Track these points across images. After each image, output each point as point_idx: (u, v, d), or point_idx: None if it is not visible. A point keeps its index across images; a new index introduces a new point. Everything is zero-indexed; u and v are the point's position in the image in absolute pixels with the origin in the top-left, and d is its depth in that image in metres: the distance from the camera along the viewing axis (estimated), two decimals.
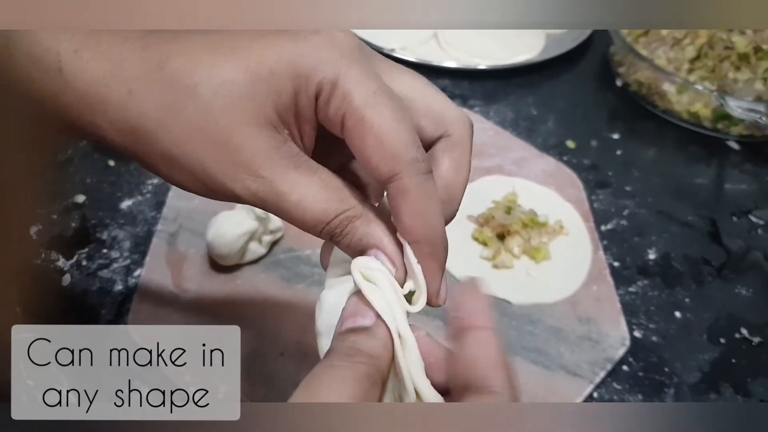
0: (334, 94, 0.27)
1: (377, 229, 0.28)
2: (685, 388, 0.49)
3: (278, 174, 0.27)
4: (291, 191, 0.27)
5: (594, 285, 0.54)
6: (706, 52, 0.73)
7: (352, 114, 0.27)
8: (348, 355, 0.25)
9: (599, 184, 0.66)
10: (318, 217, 0.28)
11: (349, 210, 0.28)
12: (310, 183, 0.27)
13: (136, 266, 0.54)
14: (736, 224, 0.63)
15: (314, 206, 0.27)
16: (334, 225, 0.28)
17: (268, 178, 0.27)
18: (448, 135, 0.30)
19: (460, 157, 0.31)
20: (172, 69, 0.27)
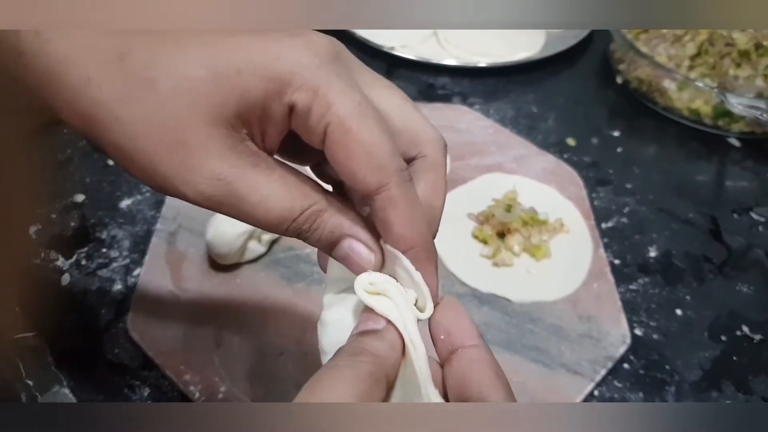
0: (316, 103, 0.26)
1: (346, 219, 0.28)
2: (686, 385, 0.49)
3: (236, 175, 0.26)
4: (250, 192, 0.26)
5: (594, 283, 0.54)
6: (707, 49, 0.73)
7: (337, 126, 0.26)
8: (352, 354, 0.25)
9: (600, 182, 0.66)
10: (283, 215, 0.27)
11: (314, 204, 0.27)
12: (270, 181, 0.27)
13: (136, 265, 0.54)
14: (737, 221, 0.63)
15: (277, 205, 0.27)
16: (300, 222, 0.27)
17: (224, 180, 0.26)
18: (423, 156, 0.30)
19: (437, 179, 0.30)
20: (133, 61, 0.26)
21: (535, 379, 0.47)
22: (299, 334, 0.49)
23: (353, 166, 0.26)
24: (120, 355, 0.48)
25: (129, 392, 0.46)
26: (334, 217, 0.28)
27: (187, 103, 0.25)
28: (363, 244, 0.28)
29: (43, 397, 0.45)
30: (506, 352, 0.49)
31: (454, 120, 0.70)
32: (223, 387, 0.45)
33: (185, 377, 0.46)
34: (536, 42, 0.85)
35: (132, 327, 0.49)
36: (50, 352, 0.48)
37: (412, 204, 0.27)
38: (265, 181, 0.27)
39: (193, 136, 0.26)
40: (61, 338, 0.49)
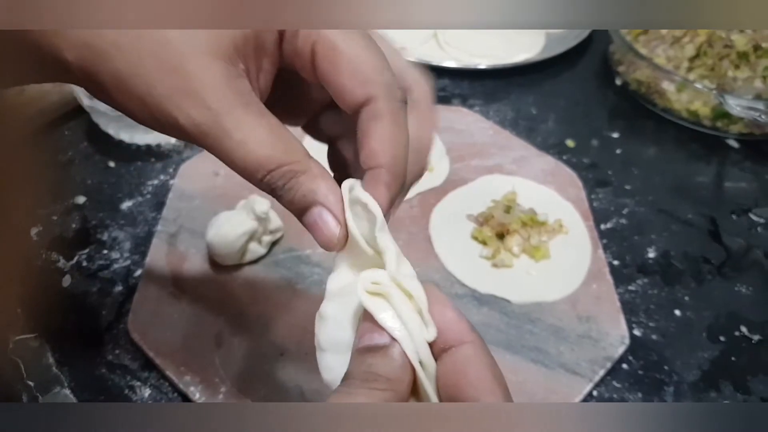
0: None
1: (322, 186, 0.27)
2: (685, 386, 0.49)
3: (225, 108, 0.26)
4: (235, 129, 0.26)
5: (594, 283, 0.54)
6: (706, 51, 0.73)
7: (323, 42, 0.26)
8: (365, 380, 0.24)
9: (599, 183, 0.66)
10: (260, 161, 0.26)
11: (293, 163, 0.27)
12: (258, 125, 0.26)
13: (136, 267, 0.55)
14: (736, 222, 0.63)
15: (257, 150, 0.26)
16: (276, 176, 0.27)
17: (213, 110, 0.26)
18: (410, 92, 0.29)
19: (425, 112, 0.30)
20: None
21: (534, 379, 0.47)
22: (300, 335, 0.49)
23: (341, 80, 0.27)
24: (121, 356, 0.49)
25: (129, 393, 0.46)
26: (311, 181, 0.27)
27: (185, 34, 0.26)
28: (332, 215, 0.27)
29: (44, 397, 0.46)
30: (506, 352, 0.49)
31: (454, 121, 0.70)
32: (223, 388, 0.45)
33: (186, 378, 0.46)
34: (536, 44, 0.86)
35: (133, 328, 0.49)
36: (51, 353, 0.48)
37: (396, 124, 0.27)
38: (253, 123, 0.26)
39: (190, 64, 0.26)
40: (62, 339, 0.49)
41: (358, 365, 0.25)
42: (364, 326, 0.26)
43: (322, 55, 0.27)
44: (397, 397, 0.24)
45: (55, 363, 0.48)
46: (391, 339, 0.25)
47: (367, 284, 0.26)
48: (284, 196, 0.27)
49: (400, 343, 0.25)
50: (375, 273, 0.26)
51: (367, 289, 0.26)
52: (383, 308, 0.25)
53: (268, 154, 0.26)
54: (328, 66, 0.27)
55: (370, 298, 0.26)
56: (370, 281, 0.26)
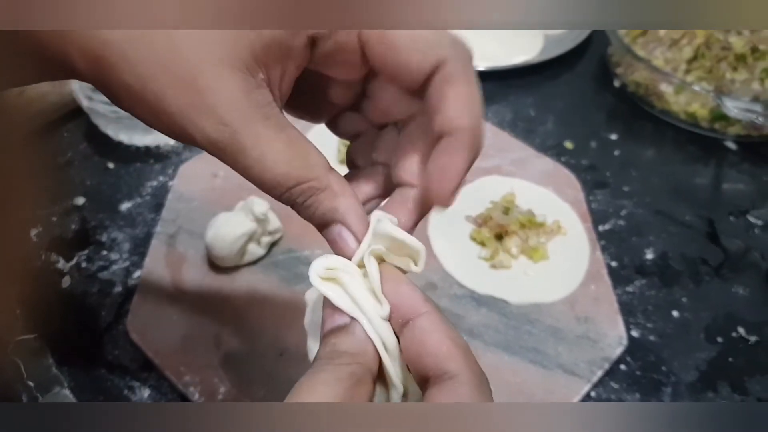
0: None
1: (342, 204, 0.27)
2: (683, 387, 0.49)
3: (243, 123, 0.25)
4: (253, 145, 0.25)
5: (592, 285, 0.55)
6: (704, 53, 0.74)
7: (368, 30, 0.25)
8: (330, 358, 0.25)
9: (597, 185, 0.66)
10: (278, 179, 0.26)
11: (313, 180, 0.26)
12: (276, 140, 0.25)
13: (136, 268, 0.55)
14: (734, 224, 0.64)
15: (275, 167, 0.25)
16: (295, 193, 0.26)
17: (231, 127, 0.25)
18: (443, 61, 0.27)
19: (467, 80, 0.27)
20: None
21: (532, 379, 0.48)
22: (299, 335, 0.49)
23: (402, 58, 0.26)
24: (120, 356, 0.49)
25: (129, 393, 0.47)
26: (330, 199, 0.27)
27: (201, 43, 0.25)
28: (352, 234, 0.27)
29: (44, 397, 0.46)
30: (504, 353, 0.49)
31: None
32: (222, 388, 0.46)
33: (185, 378, 0.46)
34: (534, 46, 0.86)
35: (132, 328, 0.49)
36: (51, 354, 0.48)
37: (472, 82, 0.26)
38: (272, 138, 0.25)
39: (204, 78, 0.24)
40: (61, 340, 0.49)
41: (324, 347, 0.26)
42: (326, 312, 0.27)
43: (374, 41, 0.26)
44: (363, 369, 0.25)
45: (54, 363, 0.48)
46: (351, 318, 0.26)
47: (321, 270, 0.26)
48: (304, 212, 0.27)
49: (353, 316, 0.26)
50: (329, 259, 0.27)
51: (321, 275, 0.26)
52: (338, 292, 0.26)
53: (285, 171, 0.26)
54: (384, 49, 0.26)
55: (324, 283, 0.26)
56: (324, 267, 0.26)
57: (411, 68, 0.26)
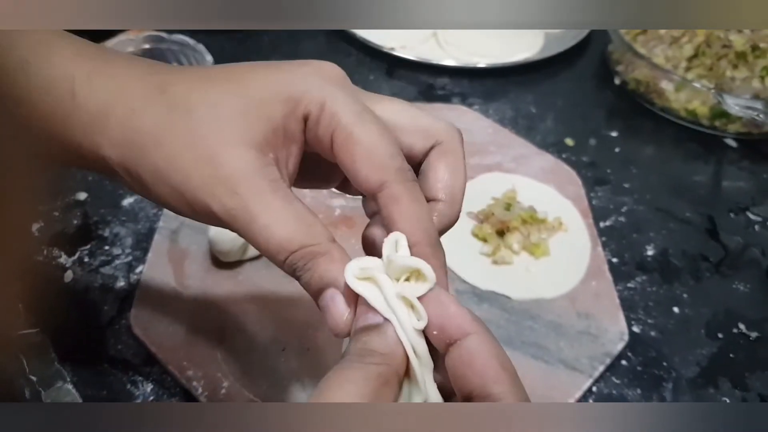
0: (323, 114, 0.29)
1: (339, 269, 0.28)
2: (684, 382, 0.49)
3: (254, 194, 0.28)
4: (262, 213, 0.27)
5: (593, 281, 0.55)
6: (704, 51, 0.74)
7: (341, 131, 0.28)
8: (360, 355, 0.25)
9: (598, 181, 0.67)
10: (282, 244, 0.27)
11: (314, 245, 0.28)
12: (283, 209, 0.28)
13: (138, 263, 0.55)
14: (734, 221, 0.64)
15: (280, 233, 0.27)
16: (297, 257, 0.27)
17: (243, 196, 0.27)
18: (438, 143, 0.31)
19: (455, 161, 0.31)
20: (172, 92, 0.29)
21: (534, 375, 0.48)
22: (301, 330, 0.49)
23: (356, 167, 0.29)
24: (123, 351, 0.49)
25: (132, 388, 0.47)
26: (328, 263, 0.28)
27: (219, 126, 0.28)
28: (344, 299, 0.28)
29: (47, 392, 0.46)
30: (506, 348, 0.48)
31: (453, 120, 0.69)
32: (225, 383, 0.46)
33: (188, 373, 0.46)
34: (535, 43, 0.86)
35: (135, 323, 0.49)
36: (53, 349, 0.48)
37: (414, 201, 0.29)
38: (279, 208, 0.28)
39: (223, 155, 0.28)
40: (64, 334, 0.49)
41: (354, 343, 0.26)
42: (360, 309, 0.27)
43: (339, 144, 0.29)
44: (391, 371, 0.25)
45: (57, 358, 0.48)
46: (384, 319, 0.26)
47: (356, 270, 0.27)
48: (302, 277, 0.28)
49: (391, 323, 0.26)
50: (363, 260, 0.28)
51: (356, 275, 0.27)
52: (374, 292, 0.27)
53: (290, 237, 0.27)
54: (345, 154, 0.29)
55: (360, 282, 0.27)
56: (359, 267, 0.27)
57: (360, 180, 0.29)
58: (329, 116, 0.29)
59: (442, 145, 0.31)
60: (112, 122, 0.29)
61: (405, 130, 0.31)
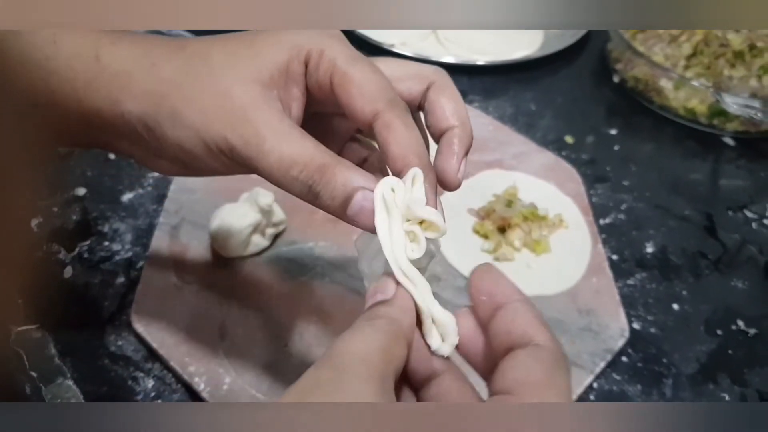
0: (322, 60, 0.32)
1: (359, 172, 0.29)
2: (683, 378, 0.50)
3: (263, 120, 0.30)
4: (271, 135, 0.30)
5: (593, 277, 0.55)
6: (702, 50, 0.74)
7: (337, 72, 0.31)
8: (368, 318, 0.27)
9: (598, 179, 0.67)
10: (293, 158, 0.29)
11: (326, 159, 0.29)
12: (290, 132, 0.30)
13: (138, 259, 0.55)
14: (732, 218, 0.64)
15: (291, 148, 0.29)
16: (312, 171, 0.29)
17: (253, 121, 0.30)
18: (432, 83, 0.34)
19: (453, 93, 0.34)
20: (191, 48, 0.33)
21: None
22: (303, 326, 0.49)
23: (352, 103, 0.31)
24: (123, 347, 0.48)
25: (133, 384, 0.46)
26: (346, 171, 0.29)
27: (233, 69, 0.31)
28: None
29: (47, 388, 0.46)
30: None
31: None
32: (228, 379, 0.46)
33: (190, 369, 0.46)
34: (534, 41, 0.86)
35: (136, 319, 0.49)
36: (54, 344, 0.48)
37: (406, 127, 0.30)
38: (286, 130, 0.30)
39: (236, 90, 0.31)
40: (64, 330, 0.49)
41: (365, 314, 0.28)
42: (371, 290, 0.28)
43: (336, 84, 0.31)
44: (399, 333, 0.26)
45: (57, 354, 0.48)
46: (394, 292, 0.28)
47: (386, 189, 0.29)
48: (323, 193, 0.29)
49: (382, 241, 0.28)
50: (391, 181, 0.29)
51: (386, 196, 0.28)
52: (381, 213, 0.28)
53: (300, 152, 0.29)
54: (342, 92, 0.31)
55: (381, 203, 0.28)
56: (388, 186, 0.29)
57: (356, 113, 0.31)
58: (327, 61, 0.31)
59: (436, 84, 0.34)
60: (134, 78, 0.32)
61: (399, 78, 0.34)
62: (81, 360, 0.48)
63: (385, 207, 0.28)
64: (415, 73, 0.34)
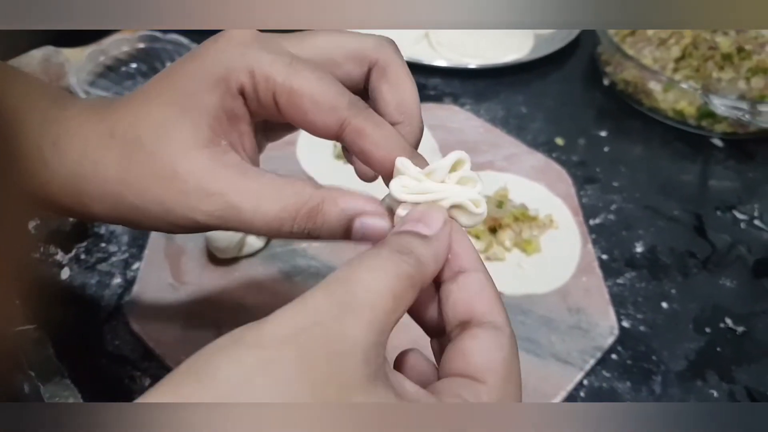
0: (256, 81, 0.28)
1: (346, 200, 0.28)
2: (672, 375, 0.50)
3: (227, 187, 0.28)
4: (244, 200, 0.27)
5: (583, 276, 0.56)
6: (691, 52, 0.75)
7: (280, 89, 0.28)
8: (399, 252, 0.25)
9: (587, 180, 0.68)
10: (280, 216, 0.27)
11: (309, 200, 0.28)
12: (261, 186, 0.28)
13: (135, 260, 0.55)
14: (721, 219, 0.65)
15: (272, 207, 0.27)
16: (301, 221, 0.28)
17: (218, 194, 0.28)
18: (374, 64, 0.31)
19: (396, 76, 0.31)
20: (121, 133, 0.30)
21: (526, 368, 0.48)
22: None
23: (310, 118, 0.28)
24: (121, 346, 0.49)
25: (130, 383, 0.47)
26: (333, 204, 0.28)
27: (168, 142, 0.29)
28: (374, 215, 0.28)
29: (46, 387, 0.46)
30: None
31: (445, 119, 0.71)
32: None
33: None
34: (525, 44, 0.87)
35: (132, 319, 0.50)
36: (51, 344, 0.49)
37: (378, 126, 0.29)
38: (256, 186, 0.28)
39: (182, 166, 0.28)
40: (61, 330, 0.49)
41: (397, 239, 0.26)
42: (413, 215, 0.27)
43: (284, 104, 0.28)
44: (421, 279, 0.25)
45: (55, 354, 0.48)
46: (437, 231, 0.26)
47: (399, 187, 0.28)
48: (323, 232, 0.28)
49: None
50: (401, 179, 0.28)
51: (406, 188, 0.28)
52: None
53: (283, 205, 0.27)
54: (293, 110, 0.28)
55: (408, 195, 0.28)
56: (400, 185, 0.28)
57: (319, 130, 0.29)
58: (263, 80, 0.28)
59: (378, 65, 0.31)
60: (86, 182, 0.30)
61: (337, 62, 0.31)
62: (79, 359, 0.48)
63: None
64: (353, 51, 0.31)
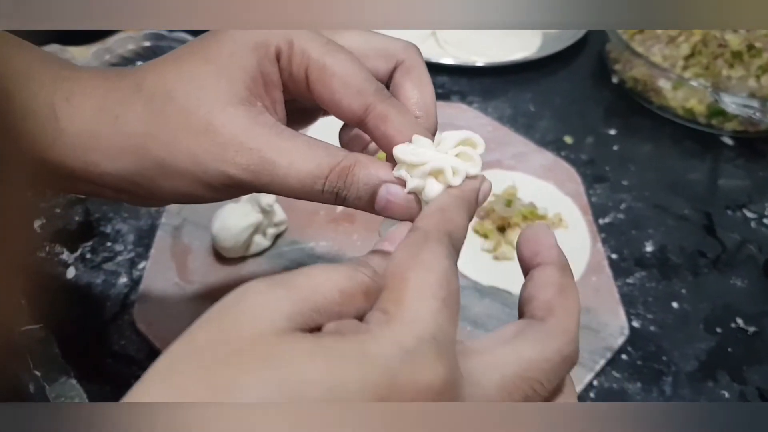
0: (293, 51, 0.29)
1: (377, 167, 0.28)
2: (683, 376, 0.50)
3: (263, 143, 0.28)
4: (279, 156, 0.28)
5: (593, 276, 0.55)
6: (701, 50, 0.75)
7: (313, 65, 0.29)
8: (355, 263, 0.24)
9: (597, 179, 0.67)
10: (313, 173, 0.28)
11: (341, 161, 0.28)
12: (296, 145, 0.28)
13: (141, 259, 0.55)
14: (731, 218, 0.65)
15: (306, 165, 0.28)
16: (333, 180, 0.28)
17: (255, 149, 0.28)
18: (400, 62, 0.32)
19: (419, 76, 0.32)
20: (147, 86, 0.30)
21: None
22: None
23: (336, 98, 0.29)
24: (126, 346, 0.49)
25: (136, 382, 0.47)
26: (365, 168, 0.28)
27: (202, 96, 0.29)
28: (399, 185, 0.28)
29: (51, 387, 0.46)
30: None
31: (453, 118, 0.71)
32: None
33: None
34: (533, 42, 0.87)
35: (138, 319, 0.49)
36: (57, 344, 0.48)
37: (401, 113, 0.29)
38: (291, 145, 0.28)
39: (218, 120, 0.28)
40: (67, 330, 0.49)
41: (357, 258, 0.26)
42: (380, 240, 0.27)
43: (314, 79, 0.29)
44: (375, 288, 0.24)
45: (61, 353, 0.48)
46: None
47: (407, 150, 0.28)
48: (349, 196, 0.29)
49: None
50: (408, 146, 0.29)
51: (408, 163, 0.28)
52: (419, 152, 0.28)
53: (317, 163, 0.28)
54: (323, 88, 0.29)
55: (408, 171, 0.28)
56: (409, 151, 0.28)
57: (344, 111, 0.29)
58: (299, 52, 0.29)
59: (403, 64, 0.32)
60: (101, 136, 0.29)
61: (366, 56, 0.32)
62: (84, 359, 0.48)
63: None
64: (382, 49, 0.32)
